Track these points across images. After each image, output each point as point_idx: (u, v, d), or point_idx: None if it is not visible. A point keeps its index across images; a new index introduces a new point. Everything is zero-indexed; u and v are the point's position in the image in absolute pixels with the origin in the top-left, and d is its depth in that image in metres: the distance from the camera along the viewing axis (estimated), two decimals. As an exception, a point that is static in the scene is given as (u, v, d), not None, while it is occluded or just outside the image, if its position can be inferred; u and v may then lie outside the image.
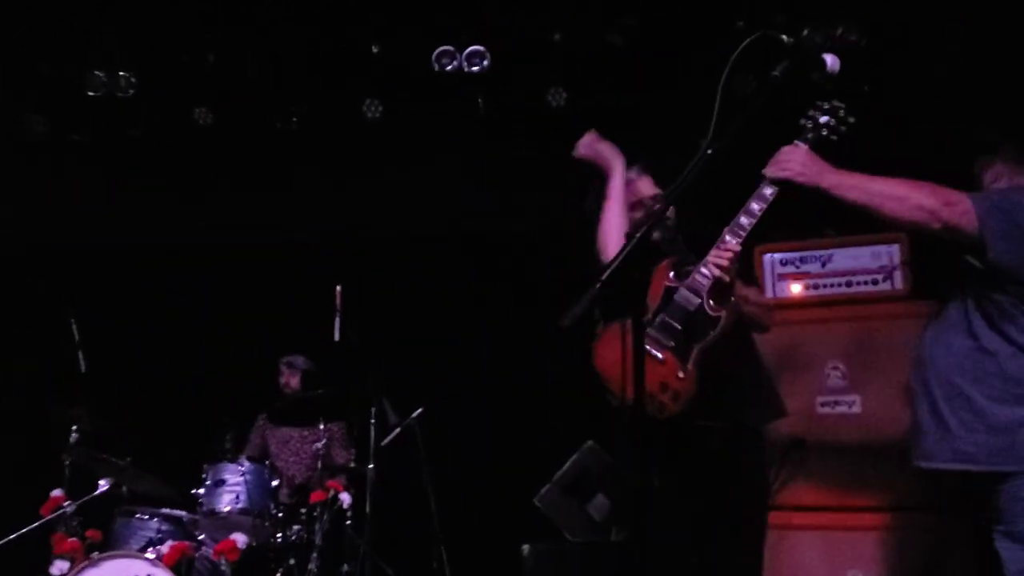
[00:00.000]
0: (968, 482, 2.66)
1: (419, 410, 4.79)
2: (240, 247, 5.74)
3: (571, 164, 5.29)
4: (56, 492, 4.32)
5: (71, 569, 3.99)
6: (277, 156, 5.62)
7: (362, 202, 5.69)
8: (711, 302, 2.87)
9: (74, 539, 4.17)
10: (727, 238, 2.82)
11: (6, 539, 4.13)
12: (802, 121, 2.77)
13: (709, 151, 2.40)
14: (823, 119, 2.74)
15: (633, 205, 3.23)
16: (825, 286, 4.10)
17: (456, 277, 5.60)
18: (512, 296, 5.45)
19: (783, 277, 4.33)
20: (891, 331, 3.77)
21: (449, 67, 5.06)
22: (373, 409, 4.44)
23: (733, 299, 2.91)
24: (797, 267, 4.37)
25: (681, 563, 2.98)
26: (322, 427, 4.60)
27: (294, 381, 5.22)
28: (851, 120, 2.75)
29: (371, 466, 4.34)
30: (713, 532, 3.01)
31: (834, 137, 2.74)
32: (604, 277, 2.27)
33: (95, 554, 4.05)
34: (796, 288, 4.21)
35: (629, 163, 3.26)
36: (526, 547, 4.43)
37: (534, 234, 5.48)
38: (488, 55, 5.03)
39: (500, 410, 5.34)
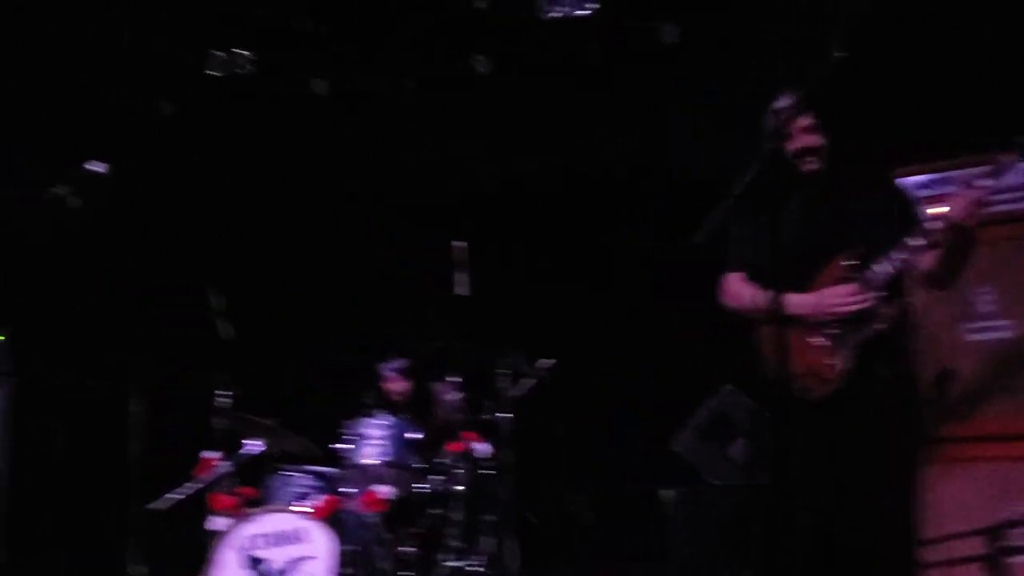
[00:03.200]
0: None
1: (550, 361, 4.78)
2: (364, 210, 5.85)
3: (690, 104, 5.19)
4: (208, 454, 4.50)
5: (229, 524, 4.18)
6: (392, 119, 5.68)
7: (478, 158, 5.69)
8: (880, 296, 2.85)
9: (230, 496, 4.35)
10: (911, 242, 2.80)
11: (163, 499, 4.33)
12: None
13: (836, 54, 2.28)
14: None
15: (782, 135, 2.97)
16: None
17: (581, 224, 5.54)
18: (642, 241, 5.36)
19: (922, 201, 4.13)
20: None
21: (556, 13, 4.98)
22: (504, 359, 4.45)
23: (903, 299, 2.90)
24: (937, 190, 4.17)
25: (829, 503, 2.91)
26: (449, 380, 4.64)
27: (400, 386, 5.05)
28: None
29: (507, 416, 4.35)
30: (862, 471, 2.92)
31: None
32: (737, 192, 2.20)
33: (250, 510, 4.24)
34: (935, 210, 3.99)
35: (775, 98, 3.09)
36: (667, 492, 4.40)
37: (662, 175, 5.36)
38: (596, -4, 4.91)
39: (633, 356, 5.28)
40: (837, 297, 2.87)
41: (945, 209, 2.76)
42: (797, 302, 2.89)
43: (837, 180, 3.03)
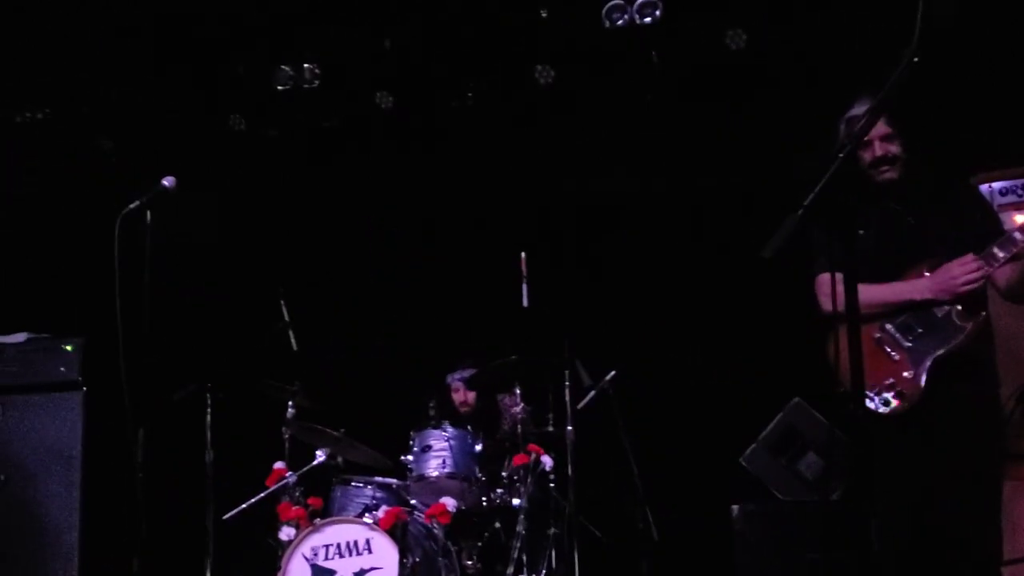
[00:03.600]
0: None
1: (612, 373, 4.74)
2: (427, 225, 5.90)
3: (756, 115, 5.12)
4: (278, 464, 4.58)
5: (297, 535, 4.25)
6: (456, 131, 5.72)
7: (542, 169, 5.69)
8: (959, 309, 2.79)
9: (299, 507, 4.42)
10: (996, 251, 2.75)
11: (238, 509, 4.43)
12: None
13: (915, 59, 2.20)
14: None
15: (860, 145, 2.92)
16: (1054, 212, 3.76)
17: (644, 237, 5.49)
18: (703, 255, 5.29)
19: (1004, 208, 4.01)
20: None
21: (620, 21, 4.96)
22: (567, 372, 4.43)
23: (983, 313, 2.83)
24: (1020, 195, 4.06)
25: (910, 521, 2.84)
26: (518, 392, 4.63)
27: (470, 397, 5.18)
28: None
29: (569, 428, 4.33)
30: (944, 488, 2.83)
31: None
32: (807, 203, 2.14)
33: (318, 520, 4.29)
34: (1021, 219, 3.87)
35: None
36: (735, 507, 4.31)
37: (724, 189, 5.29)
38: (660, 3, 4.87)
39: (697, 369, 5.21)
40: (959, 269, 2.78)
41: None
42: (912, 288, 2.83)
43: (917, 187, 2.95)
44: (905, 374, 2.82)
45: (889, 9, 4.04)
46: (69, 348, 4.91)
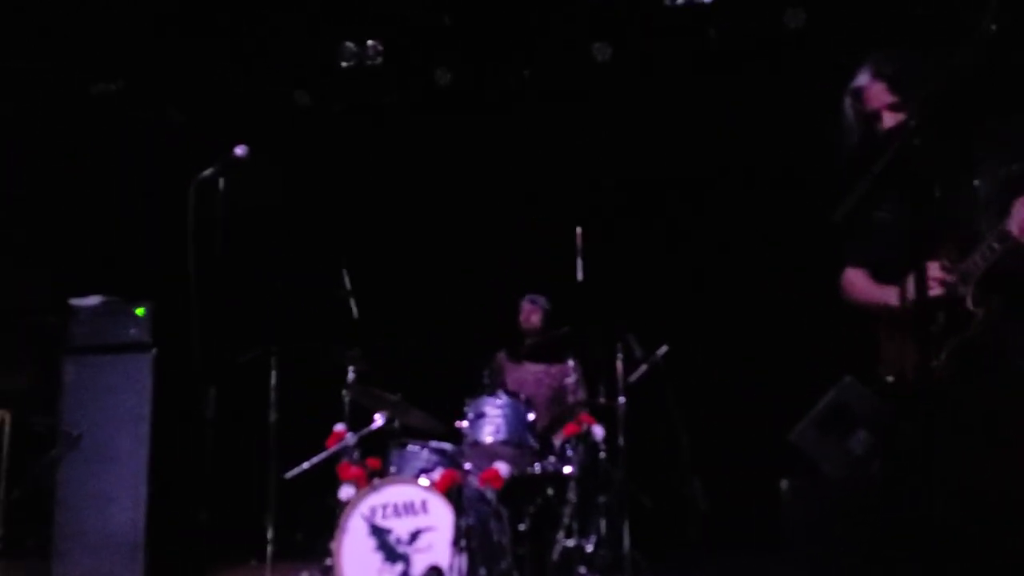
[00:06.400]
0: None
1: (664, 347, 4.80)
2: (485, 198, 6.00)
3: (812, 93, 5.09)
4: (339, 426, 4.71)
5: (356, 494, 4.39)
6: (513, 107, 5.80)
7: (597, 145, 5.74)
8: (974, 293, 2.62)
9: (358, 467, 4.57)
10: (994, 244, 2.56)
11: (299, 468, 4.59)
12: None
13: (993, 27, 2.15)
14: None
15: (868, 117, 2.84)
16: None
17: (698, 215, 5.53)
18: (756, 232, 5.32)
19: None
20: None
21: (680, 0, 4.99)
22: (620, 345, 4.51)
23: (995, 298, 2.62)
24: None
25: (951, 499, 2.83)
26: (571, 363, 4.72)
27: (535, 318, 5.35)
28: None
29: (621, 400, 4.41)
30: (987, 467, 2.82)
31: None
32: (877, 171, 2.17)
33: (376, 480, 4.42)
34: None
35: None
36: (785, 482, 4.36)
37: (776, 167, 5.30)
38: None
39: (747, 346, 5.26)
40: (931, 273, 2.58)
41: None
42: (893, 294, 2.73)
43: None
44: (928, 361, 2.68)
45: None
46: (140, 312, 5.11)
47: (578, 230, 4.75)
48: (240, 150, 3.59)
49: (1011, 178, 2.65)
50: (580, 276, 4.72)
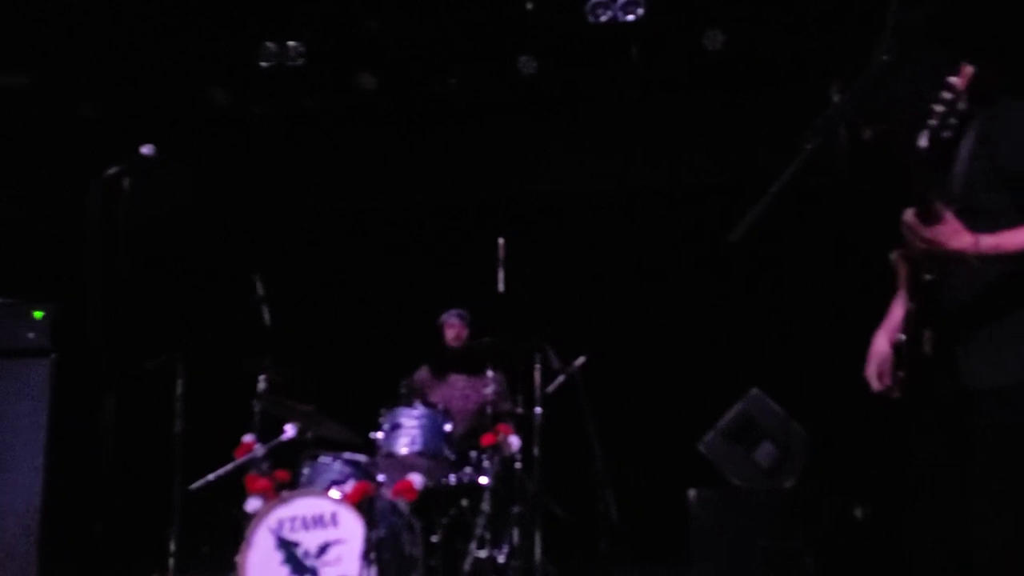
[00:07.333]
0: None
1: (581, 359, 4.84)
2: (406, 207, 5.96)
3: (732, 113, 5.22)
4: (247, 437, 4.60)
5: (264, 506, 4.28)
6: (437, 117, 5.78)
7: (521, 158, 5.77)
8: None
9: (266, 479, 4.46)
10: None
11: (204, 480, 4.47)
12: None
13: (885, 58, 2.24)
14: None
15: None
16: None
17: (615, 230, 5.61)
18: (672, 249, 5.42)
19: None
20: None
21: (604, 17, 5.04)
22: (537, 355, 4.52)
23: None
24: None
25: (945, 532, 2.80)
26: (490, 374, 4.72)
27: (464, 333, 5.32)
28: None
29: (538, 410, 4.42)
30: (981, 496, 2.81)
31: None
32: (775, 189, 2.21)
33: (285, 492, 4.32)
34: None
35: None
36: (692, 492, 4.44)
37: (694, 186, 5.42)
38: (643, 1, 4.96)
39: (661, 358, 5.34)
40: None
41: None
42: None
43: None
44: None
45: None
46: (38, 315, 4.90)
47: (500, 241, 4.76)
48: (147, 149, 3.46)
49: None
50: (501, 287, 4.72)
